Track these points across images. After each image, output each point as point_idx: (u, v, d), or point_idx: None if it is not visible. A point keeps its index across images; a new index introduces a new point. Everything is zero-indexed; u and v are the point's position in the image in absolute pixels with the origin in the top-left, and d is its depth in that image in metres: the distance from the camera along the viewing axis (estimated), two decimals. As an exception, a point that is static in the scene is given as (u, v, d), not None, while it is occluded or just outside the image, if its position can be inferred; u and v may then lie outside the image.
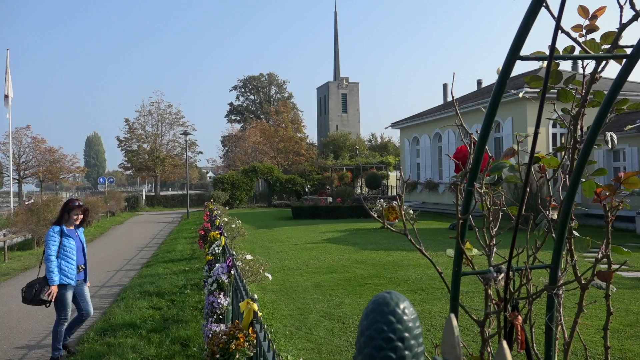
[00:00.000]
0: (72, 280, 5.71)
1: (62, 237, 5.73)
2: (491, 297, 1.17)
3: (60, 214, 5.93)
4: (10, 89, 27.28)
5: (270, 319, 6.92)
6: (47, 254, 5.62)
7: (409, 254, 11.88)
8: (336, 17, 74.00)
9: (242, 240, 13.37)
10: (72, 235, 5.85)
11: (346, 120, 67.64)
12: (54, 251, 5.64)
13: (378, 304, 0.76)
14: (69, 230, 5.85)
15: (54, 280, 5.55)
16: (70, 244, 5.76)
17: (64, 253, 5.69)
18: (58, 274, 5.59)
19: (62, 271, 5.64)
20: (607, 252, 1.21)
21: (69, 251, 5.73)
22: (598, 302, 1.37)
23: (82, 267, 5.93)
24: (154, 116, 46.78)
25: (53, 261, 5.61)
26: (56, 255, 5.64)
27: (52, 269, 5.58)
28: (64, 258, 5.68)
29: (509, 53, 0.88)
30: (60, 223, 5.85)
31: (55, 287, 5.58)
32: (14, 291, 9.78)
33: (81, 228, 6.09)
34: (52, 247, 5.64)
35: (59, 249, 5.68)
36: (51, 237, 5.70)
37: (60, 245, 5.69)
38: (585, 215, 15.53)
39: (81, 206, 6.00)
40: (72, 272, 5.70)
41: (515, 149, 1.24)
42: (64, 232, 5.76)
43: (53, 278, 5.55)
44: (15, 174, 37.48)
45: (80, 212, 5.98)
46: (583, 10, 1.27)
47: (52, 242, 5.67)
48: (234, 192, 36.39)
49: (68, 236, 5.77)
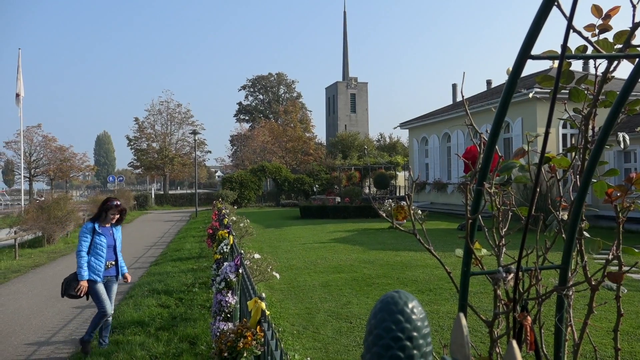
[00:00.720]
0: (99, 277, 5.82)
1: (94, 235, 5.86)
2: (500, 297, 1.16)
3: (98, 211, 6.07)
4: (21, 87, 27.53)
5: (278, 318, 6.93)
6: (78, 250, 5.80)
7: (417, 254, 11.85)
8: (345, 17, 73.94)
9: (250, 240, 13.41)
10: (106, 233, 5.98)
11: (355, 120, 67.54)
12: (85, 247, 5.79)
13: (386, 302, 0.75)
14: (103, 228, 5.98)
15: (82, 275, 5.71)
16: (101, 242, 5.88)
17: (95, 250, 5.83)
18: (87, 270, 5.74)
19: (91, 267, 5.79)
20: (617, 253, 1.20)
21: (99, 248, 5.86)
22: (609, 304, 1.36)
23: (112, 264, 6.03)
24: (164, 115, 47.01)
25: (83, 257, 5.76)
26: (87, 251, 5.79)
27: (82, 264, 5.73)
28: (94, 255, 5.83)
29: (520, 52, 0.87)
30: (96, 220, 6.00)
31: (85, 282, 5.73)
32: (24, 288, 9.87)
33: (118, 226, 6.24)
34: (83, 244, 5.80)
35: (90, 245, 5.83)
36: (83, 234, 5.86)
37: (91, 242, 5.84)
38: (596, 217, 15.40)
39: (118, 206, 6.12)
40: (100, 268, 5.83)
41: (525, 149, 1.23)
42: (96, 230, 5.89)
43: (81, 273, 5.72)
44: (26, 172, 37.84)
45: (117, 211, 6.11)
46: (597, 9, 1.26)
47: (83, 239, 5.82)
48: (242, 191, 36.48)
49: (100, 234, 5.90)
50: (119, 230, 6.27)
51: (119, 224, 6.26)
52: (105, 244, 5.93)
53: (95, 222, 6.00)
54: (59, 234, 16.91)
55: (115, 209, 6.09)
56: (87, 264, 5.78)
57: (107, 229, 6.06)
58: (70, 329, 7.05)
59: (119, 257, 6.14)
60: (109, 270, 6.02)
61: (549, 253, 1.27)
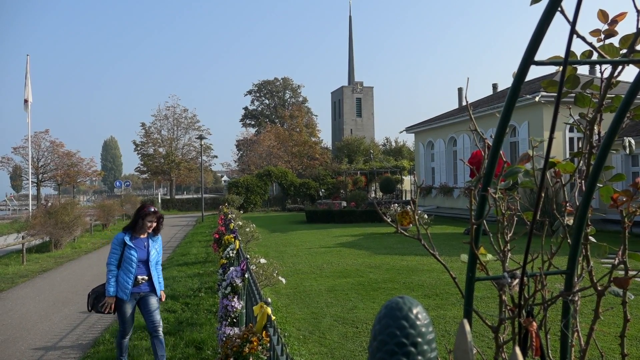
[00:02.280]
0: (126, 295, 5.22)
1: (125, 248, 5.31)
2: (506, 302, 1.16)
3: (134, 220, 5.44)
4: (29, 93, 27.77)
5: (284, 323, 6.93)
6: (107, 262, 5.32)
7: (423, 258, 11.81)
8: (351, 21, 74.17)
9: (256, 244, 13.42)
10: (139, 245, 5.37)
11: (360, 125, 67.58)
12: (114, 260, 5.28)
13: (391, 308, 0.76)
14: (136, 240, 5.38)
15: (108, 290, 5.21)
16: (131, 256, 5.29)
17: (124, 264, 5.28)
18: (114, 285, 5.23)
19: (119, 283, 5.25)
20: (623, 258, 1.20)
21: (129, 263, 5.27)
22: (616, 309, 1.35)
23: (144, 279, 5.36)
24: (170, 120, 47.27)
25: (111, 270, 5.26)
26: (116, 263, 5.28)
27: (109, 278, 5.24)
28: (123, 269, 5.28)
29: (524, 58, 0.87)
30: (130, 230, 5.41)
31: (111, 298, 5.22)
32: (31, 292, 9.92)
33: (156, 236, 5.60)
34: (113, 256, 5.29)
35: (121, 259, 5.30)
36: (113, 246, 5.35)
37: (122, 255, 5.30)
38: (603, 221, 15.30)
39: (156, 213, 5.52)
40: (127, 285, 5.24)
41: (530, 154, 1.23)
42: (127, 243, 5.31)
43: (108, 288, 5.22)
44: (33, 178, 38.08)
45: (155, 219, 5.49)
46: (603, 14, 1.26)
47: (113, 251, 5.32)
48: (248, 196, 36.54)
49: (131, 247, 5.31)
50: (156, 241, 5.59)
51: (156, 234, 5.59)
52: (136, 258, 5.30)
53: (128, 232, 5.39)
54: (66, 239, 17.00)
55: (153, 216, 5.45)
56: (116, 278, 5.24)
57: (141, 241, 5.42)
58: (77, 333, 7.08)
59: (153, 272, 5.43)
60: (140, 287, 5.34)
61: (555, 258, 1.27)
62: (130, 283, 5.24)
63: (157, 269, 5.53)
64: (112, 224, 25.95)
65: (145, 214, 5.38)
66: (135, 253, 5.28)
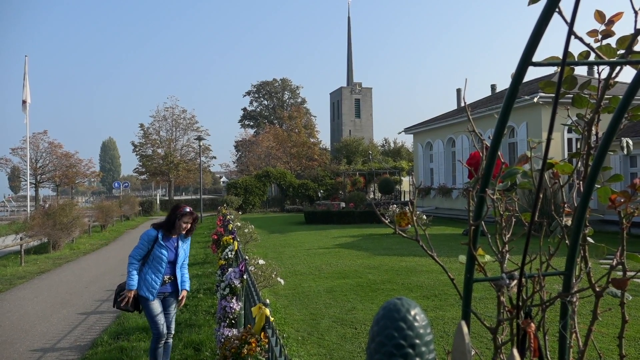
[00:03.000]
0: (152, 294, 5.04)
1: (155, 245, 5.12)
2: (504, 304, 1.16)
3: (169, 219, 5.24)
4: (28, 94, 27.70)
5: (283, 324, 6.92)
6: (131, 255, 5.11)
7: (422, 259, 11.81)
8: (349, 22, 74.31)
9: (254, 245, 13.41)
10: (170, 245, 5.20)
11: (359, 125, 67.64)
12: (139, 255, 5.09)
13: (389, 310, 0.75)
14: (167, 240, 5.20)
15: (129, 284, 5.00)
16: (162, 255, 5.11)
17: (153, 263, 5.09)
18: (136, 279, 5.03)
19: (147, 282, 5.05)
20: (621, 259, 1.20)
21: (159, 262, 5.09)
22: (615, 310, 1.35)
23: (170, 278, 5.21)
24: (169, 121, 47.20)
25: (133, 263, 5.06)
26: (140, 259, 5.09)
27: (130, 271, 5.05)
28: (152, 268, 5.09)
29: (521, 59, 0.87)
30: (162, 228, 5.21)
31: (131, 292, 5.01)
32: (29, 294, 9.90)
33: (187, 238, 5.40)
34: (139, 251, 5.10)
35: (148, 256, 5.10)
36: (142, 242, 5.15)
37: (149, 253, 5.11)
38: (602, 221, 15.32)
39: (192, 213, 5.30)
40: (156, 285, 5.06)
41: (529, 155, 1.23)
42: (158, 241, 5.13)
43: (129, 282, 5.00)
44: (32, 179, 38.02)
45: (191, 220, 5.27)
46: (600, 15, 1.26)
47: (140, 246, 5.13)
48: (247, 196, 36.55)
49: (162, 246, 5.13)
50: (187, 242, 5.41)
51: (188, 235, 5.39)
52: (166, 257, 5.12)
53: (160, 230, 5.20)
54: (64, 240, 16.97)
55: (189, 217, 5.24)
56: (143, 278, 5.04)
57: (172, 241, 5.24)
58: (76, 335, 7.06)
59: (178, 273, 5.27)
60: (165, 286, 5.19)
61: (554, 259, 1.27)
62: (158, 283, 5.08)
63: (183, 269, 5.38)
64: (111, 225, 25.91)
65: (181, 214, 5.19)
66: (166, 252, 5.13)
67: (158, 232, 5.16)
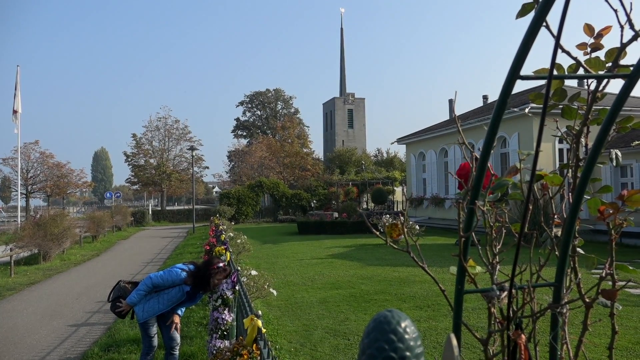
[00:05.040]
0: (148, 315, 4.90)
1: (179, 289, 4.89)
2: (495, 315, 1.16)
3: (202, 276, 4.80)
4: (19, 104, 27.57)
5: (275, 335, 6.88)
6: (152, 277, 4.89)
7: (415, 269, 11.81)
8: (342, 33, 74.63)
9: (247, 256, 13.35)
10: (194, 296, 4.99)
11: (352, 136, 67.81)
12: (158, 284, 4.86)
13: (379, 322, 0.76)
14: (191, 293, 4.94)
15: (132, 299, 4.82)
16: (177, 300, 4.93)
17: (164, 296, 4.90)
18: (141, 299, 4.84)
19: (148, 304, 4.88)
20: (610, 270, 1.21)
21: (170, 301, 4.91)
22: (606, 320, 1.36)
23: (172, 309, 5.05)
24: (161, 131, 47.10)
25: (148, 285, 4.83)
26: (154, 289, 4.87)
27: (141, 290, 4.83)
28: (160, 299, 4.89)
29: (509, 73, 0.88)
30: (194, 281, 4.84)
31: (129, 306, 4.86)
32: (19, 306, 9.79)
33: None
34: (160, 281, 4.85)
35: (164, 289, 4.90)
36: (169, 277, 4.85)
37: (167, 288, 4.90)
38: (593, 231, 15.41)
39: (226, 270, 4.95)
40: (155, 312, 4.89)
41: (518, 166, 1.24)
42: (183, 291, 4.90)
43: (132, 297, 4.83)
44: (23, 189, 37.71)
45: (224, 277, 4.92)
46: (589, 28, 1.28)
47: (165, 278, 4.85)
48: (239, 207, 36.45)
49: (184, 294, 4.92)
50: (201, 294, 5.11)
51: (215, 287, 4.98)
52: (176, 299, 4.94)
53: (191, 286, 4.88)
54: (55, 251, 16.81)
55: (223, 275, 4.87)
56: (147, 299, 4.87)
57: (199, 294, 5.01)
58: (66, 347, 6.98)
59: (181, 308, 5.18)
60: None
61: (544, 269, 1.28)
62: (159, 311, 4.90)
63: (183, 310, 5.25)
64: (103, 236, 25.71)
65: (216, 272, 4.81)
66: (182, 299, 4.94)
67: (187, 288, 4.88)
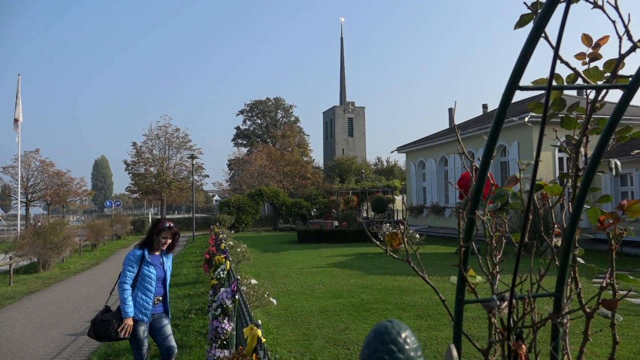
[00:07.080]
0: (147, 316, 4.89)
1: (142, 264, 4.95)
2: (495, 325, 1.16)
3: (149, 235, 5.12)
4: (20, 113, 27.63)
5: (275, 345, 6.85)
6: (122, 281, 4.86)
7: (415, 278, 11.77)
8: (342, 42, 75.01)
9: (247, 264, 13.32)
10: (156, 262, 5.05)
11: (352, 144, 67.92)
12: (130, 279, 4.87)
13: (379, 332, 0.76)
14: (152, 257, 5.05)
15: (126, 312, 4.75)
16: (150, 273, 4.94)
17: (142, 283, 4.90)
18: (131, 304, 4.80)
19: (137, 304, 4.85)
20: (611, 280, 1.20)
21: (148, 281, 4.91)
22: (607, 330, 1.35)
23: (159, 299, 5.07)
24: (162, 140, 47.19)
25: (127, 289, 4.82)
26: (131, 283, 4.88)
27: (126, 299, 4.79)
28: (142, 289, 4.89)
29: (509, 83, 0.89)
30: (146, 246, 5.08)
31: (130, 320, 4.76)
32: (18, 315, 9.75)
33: (169, 254, 5.28)
34: (128, 274, 4.87)
35: (137, 277, 4.91)
36: (129, 263, 4.92)
37: (138, 273, 4.92)
38: (593, 240, 15.38)
39: (171, 228, 5.14)
40: (148, 306, 4.89)
41: (518, 176, 1.25)
42: (146, 259, 4.97)
43: (126, 310, 4.75)
44: (23, 197, 37.68)
45: (170, 235, 5.13)
46: (587, 38, 1.28)
47: (128, 269, 4.89)
48: (239, 215, 36.43)
49: (150, 264, 4.97)
50: (169, 259, 5.27)
51: (170, 251, 5.26)
52: (155, 275, 4.96)
53: (143, 248, 5.05)
54: (54, 260, 16.78)
55: (168, 232, 5.10)
56: (134, 301, 4.83)
57: (157, 258, 5.09)
58: (65, 356, 6.95)
59: (167, 291, 5.18)
60: (156, 307, 5.03)
61: (545, 279, 1.27)
62: (150, 303, 4.90)
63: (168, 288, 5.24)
64: (102, 244, 25.67)
65: (160, 229, 5.08)
66: (154, 270, 4.97)
67: (143, 250, 5.02)
